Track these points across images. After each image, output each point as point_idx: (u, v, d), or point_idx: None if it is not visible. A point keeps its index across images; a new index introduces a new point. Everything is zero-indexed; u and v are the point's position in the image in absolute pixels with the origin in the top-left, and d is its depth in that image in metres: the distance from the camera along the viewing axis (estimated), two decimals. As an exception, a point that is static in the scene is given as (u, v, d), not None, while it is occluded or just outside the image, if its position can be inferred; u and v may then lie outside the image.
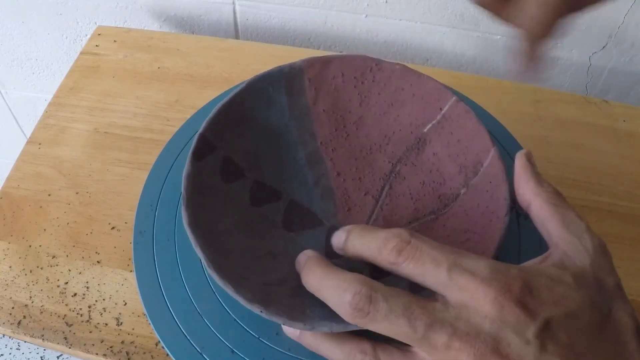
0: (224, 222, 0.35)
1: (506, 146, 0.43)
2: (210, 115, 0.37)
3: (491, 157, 0.35)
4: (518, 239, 0.38)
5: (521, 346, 0.24)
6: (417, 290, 0.27)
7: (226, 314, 0.35)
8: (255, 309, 0.29)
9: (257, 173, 0.38)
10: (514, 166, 0.33)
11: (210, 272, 0.31)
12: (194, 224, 0.32)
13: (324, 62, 0.40)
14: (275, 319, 0.29)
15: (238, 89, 0.38)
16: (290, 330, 0.31)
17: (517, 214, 0.39)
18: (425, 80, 0.39)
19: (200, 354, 0.34)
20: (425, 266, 0.27)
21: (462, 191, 0.36)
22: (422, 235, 0.28)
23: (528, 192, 0.31)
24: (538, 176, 0.32)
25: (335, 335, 0.29)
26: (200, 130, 0.36)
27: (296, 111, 0.40)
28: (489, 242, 0.32)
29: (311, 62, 0.40)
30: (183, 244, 0.38)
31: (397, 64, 0.39)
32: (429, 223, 0.36)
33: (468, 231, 0.34)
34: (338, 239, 0.31)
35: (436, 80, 0.38)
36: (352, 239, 0.30)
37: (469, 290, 0.25)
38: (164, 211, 0.40)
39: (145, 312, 0.36)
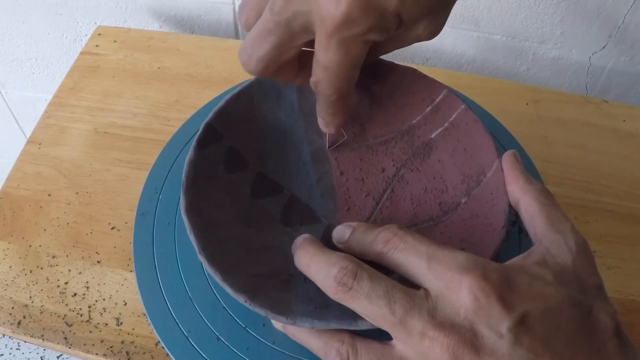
0: (222, 211, 0.35)
1: (506, 146, 0.43)
2: (219, 105, 0.37)
3: (495, 169, 0.35)
4: (518, 254, 0.38)
5: (494, 339, 0.24)
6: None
7: (216, 302, 0.36)
8: (241, 299, 0.30)
9: (260, 166, 0.38)
10: (502, 165, 0.34)
11: (200, 259, 0.31)
12: (191, 211, 0.33)
13: None
14: (259, 311, 0.30)
15: (248, 81, 0.38)
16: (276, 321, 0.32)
17: (520, 229, 0.39)
18: (437, 86, 0.39)
19: (187, 338, 0.35)
20: (407, 257, 0.27)
21: (463, 200, 0.36)
22: (411, 231, 0.28)
23: (517, 190, 0.32)
24: (526, 174, 0.32)
25: None
26: (207, 119, 0.37)
27: (305, 108, 0.40)
28: (484, 253, 0.32)
29: None
30: (183, 230, 0.39)
31: (409, 67, 0.39)
32: (427, 229, 0.36)
33: (464, 241, 0.34)
34: (341, 234, 0.31)
35: (447, 87, 0.38)
36: (356, 236, 0.30)
37: (445, 280, 0.26)
38: (167, 196, 0.41)
39: (145, 311, 0.36)
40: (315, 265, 0.28)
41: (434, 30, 0.31)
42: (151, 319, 0.36)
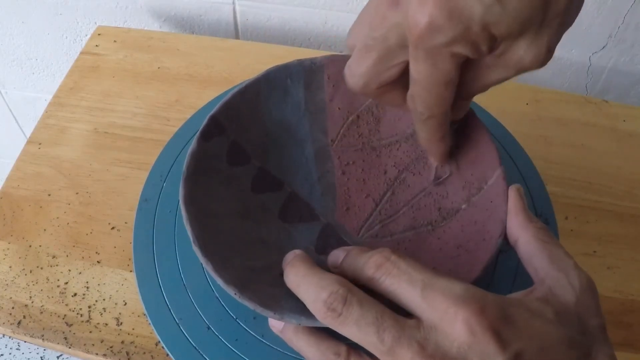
0: (220, 203, 0.35)
1: (506, 146, 0.43)
2: (224, 99, 0.37)
3: (496, 177, 0.34)
4: (516, 265, 0.38)
5: None
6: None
7: (209, 291, 0.36)
8: (230, 291, 0.30)
9: (263, 161, 0.38)
10: (508, 199, 0.32)
11: (194, 248, 0.31)
12: (189, 201, 0.33)
13: (345, 61, 0.40)
14: (247, 304, 0.29)
15: (255, 77, 0.38)
16: (273, 323, 0.31)
17: None
18: None
19: (178, 325, 0.35)
20: (400, 284, 0.26)
21: (463, 207, 0.36)
22: (405, 255, 0.27)
23: (516, 227, 0.31)
24: (527, 211, 0.31)
25: (315, 333, 0.29)
26: (213, 111, 0.37)
27: (311, 106, 0.40)
28: (478, 261, 0.31)
29: (333, 59, 0.39)
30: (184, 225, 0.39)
31: None
32: (424, 234, 0.36)
33: (460, 247, 0.33)
34: (335, 258, 0.30)
35: None
36: (348, 260, 0.29)
37: (440, 311, 0.25)
38: (172, 184, 0.42)
39: (145, 311, 0.36)
40: (305, 286, 0.28)
41: (538, 53, 0.27)
42: (151, 319, 0.36)
